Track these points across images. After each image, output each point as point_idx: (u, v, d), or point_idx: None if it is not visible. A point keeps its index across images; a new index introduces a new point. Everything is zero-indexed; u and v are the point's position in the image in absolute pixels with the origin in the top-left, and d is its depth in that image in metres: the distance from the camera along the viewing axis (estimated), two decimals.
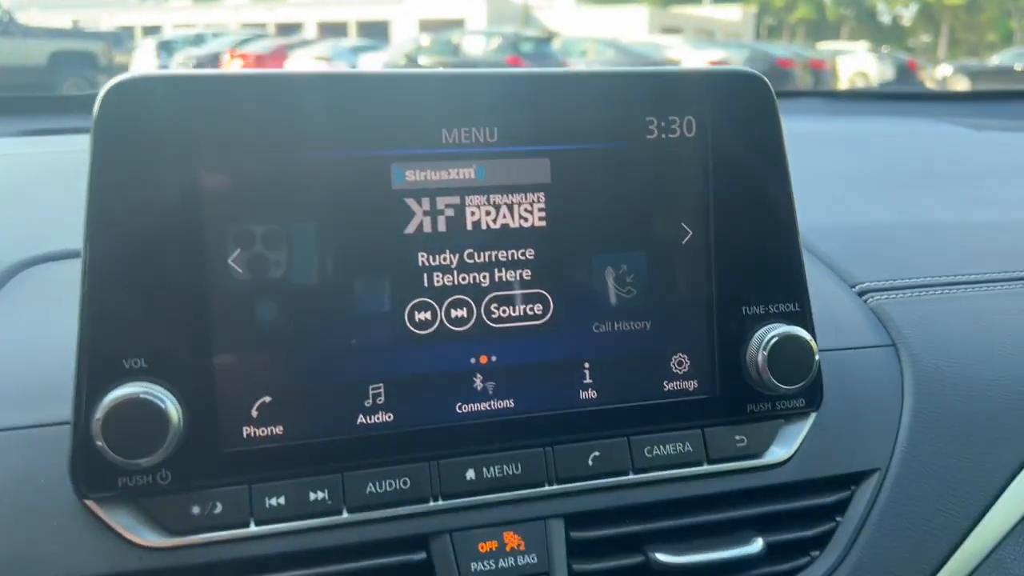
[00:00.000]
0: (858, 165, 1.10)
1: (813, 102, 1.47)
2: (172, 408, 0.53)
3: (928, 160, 1.15)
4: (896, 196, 0.97)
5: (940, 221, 0.92)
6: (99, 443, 0.52)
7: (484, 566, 0.59)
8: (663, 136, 0.63)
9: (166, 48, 17.20)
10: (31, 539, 0.54)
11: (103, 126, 0.53)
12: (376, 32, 30.61)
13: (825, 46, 25.49)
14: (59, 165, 0.99)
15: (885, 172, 1.07)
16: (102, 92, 0.54)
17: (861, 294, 0.78)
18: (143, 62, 15.30)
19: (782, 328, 0.64)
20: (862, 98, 1.42)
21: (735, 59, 15.04)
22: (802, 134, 1.23)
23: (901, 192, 0.99)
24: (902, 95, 1.47)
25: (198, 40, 18.61)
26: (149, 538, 0.55)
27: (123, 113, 0.54)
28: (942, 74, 15.45)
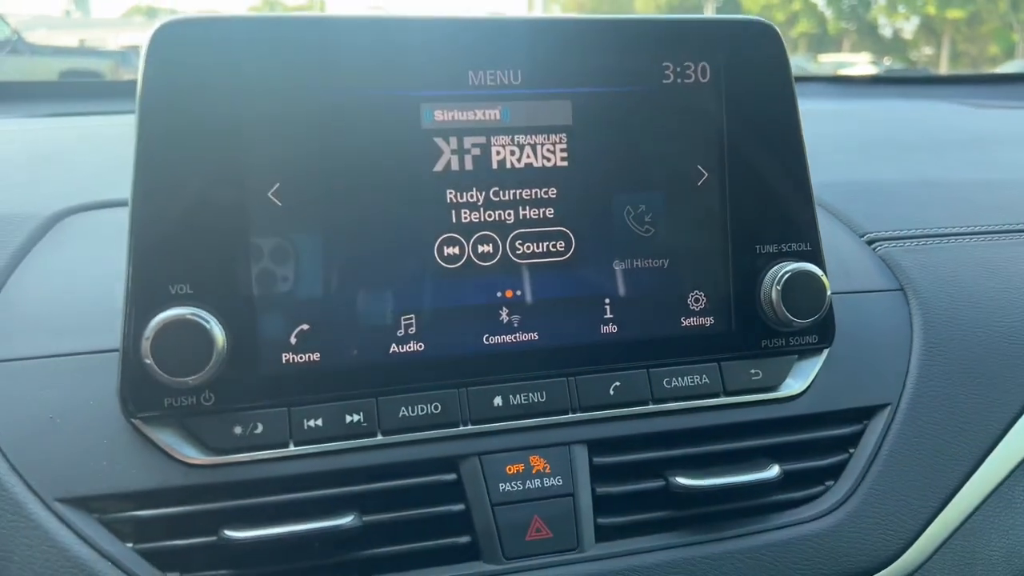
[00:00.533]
0: (867, 133, 1.13)
1: (820, 86, 1.50)
2: (216, 329, 0.56)
3: (933, 130, 1.18)
4: (904, 158, 0.99)
5: (946, 178, 0.94)
6: (148, 361, 0.55)
7: (512, 487, 0.62)
8: (679, 81, 0.66)
9: None
10: (83, 456, 0.57)
11: (152, 65, 0.57)
12: None
13: (827, 59, 25.60)
14: (88, 133, 1.03)
15: (893, 138, 1.10)
16: (151, 33, 0.57)
17: (870, 243, 0.81)
18: None
19: (795, 265, 0.67)
20: (867, 83, 1.46)
21: None
22: (812, 110, 1.26)
23: (909, 154, 1.01)
24: (906, 79, 1.50)
25: None
26: (193, 455, 0.58)
27: (170, 53, 0.57)
28: None
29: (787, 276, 0.66)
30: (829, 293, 0.67)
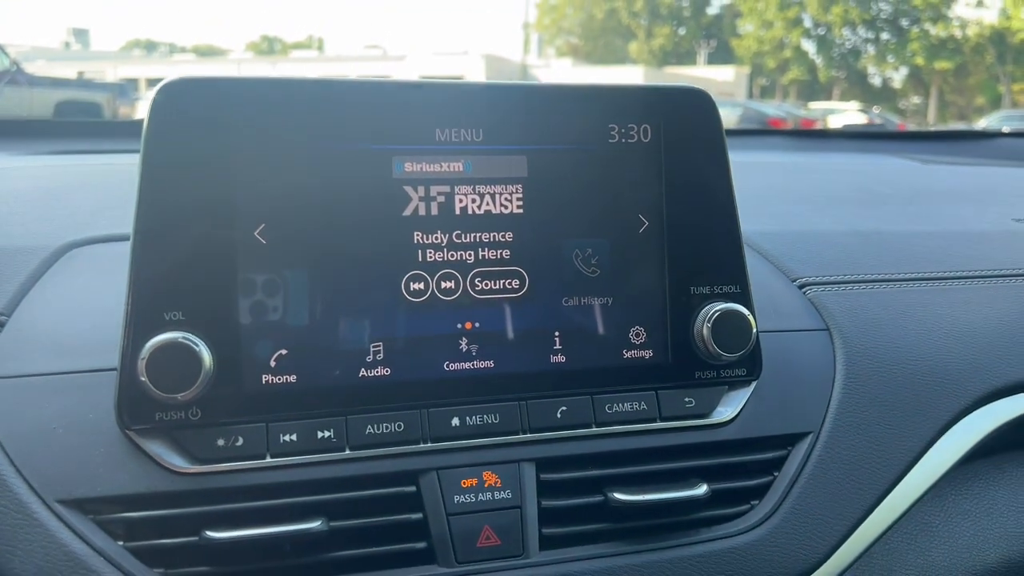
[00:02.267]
0: (811, 186, 1.22)
1: (780, 140, 1.60)
2: (205, 352, 0.64)
3: (875, 184, 1.27)
4: (841, 210, 1.08)
5: (878, 230, 1.03)
6: (143, 379, 0.62)
7: (465, 499, 0.69)
8: (623, 140, 0.75)
9: None
10: (82, 462, 0.64)
11: (155, 118, 0.65)
12: None
13: (817, 106, 26.02)
14: (89, 172, 1.11)
15: (834, 192, 1.19)
16: (155, 90, 0.65)
17: (801, 287, 0.89)
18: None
19: (724, 305, 0.75)
20: (824, 136, 1.55)
21: (729, 117, 15.36)
22: (766, 163, 1.35)
23: (846, 207, 1.10)
24: (860, 134, 1.59)
25: None
26: (180, 464, 0.65)
27: (170, 108, 0.65)
28: None
29: (717, 315, 0.74)
30: (755, 331, 0.75)
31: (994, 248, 1.02)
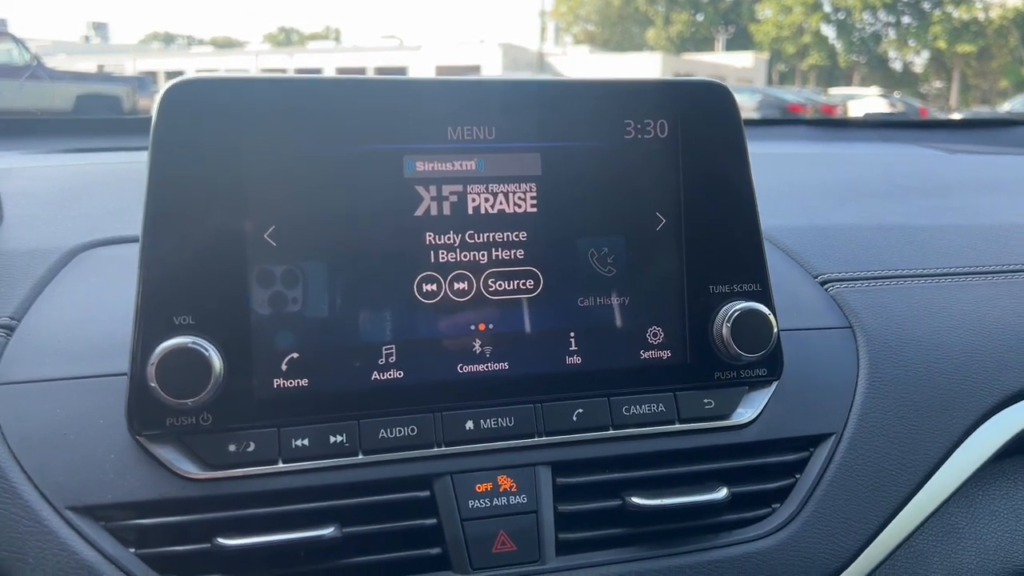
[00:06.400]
0: (834, 178, 1.20)
1: (801, 130, 1.57)
2: (215, 357, 0.63)
3: (901, 176, 1.24)
4: (865, 204, 1.06)
5: (903, 224, 1.00)
6: (152, 384, 0.62)
7: (480, 504, 0.68)
8: (639, 136, 0.73)
9: None
10: (92, 469, 0.63)
11: (162, 119, 0.64)
12: None
13: (837, 91, 25.76)
14: (104, 172, 1.10)
15: (858, 185, 1.17)
16: (162, 90, 0.64)
17: (823, 283, 0.87)
18: None
19: (744, 304, 0.73)
20: (846, 126, 1.52)
21: (747, 104, 15.23)
22: (787, 155, 1.33)
23: (870, 200, 1.08)
24: (884, 122, 1.56)
25: None
26: (191, 470, 0.64)
27: (179, 108, 0.64)
28: None
29: (737, 314, 0.72)
30: (776, 331, 0.73)
31: (1022, 242, 0.99)
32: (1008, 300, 0.89)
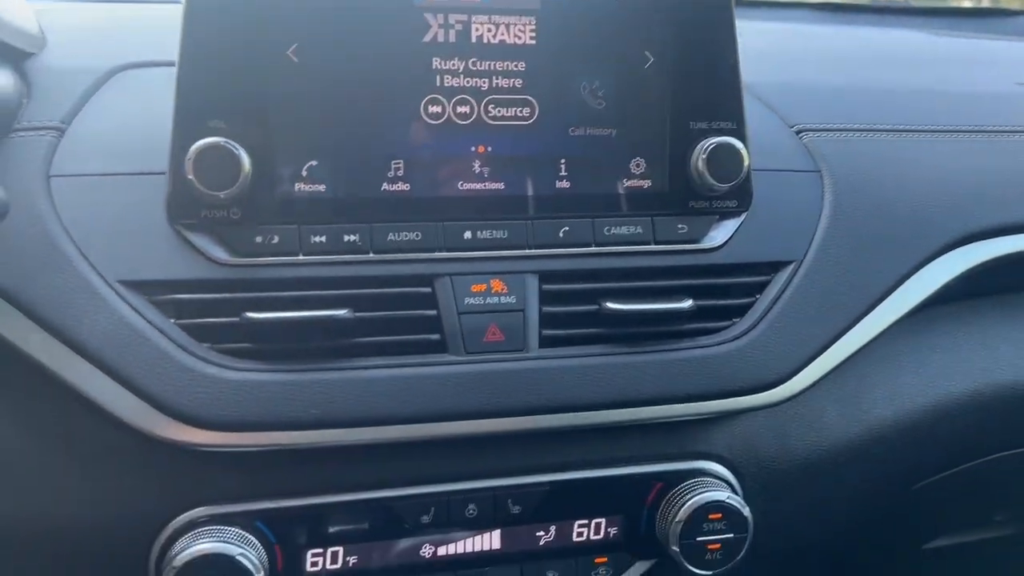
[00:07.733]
0: (824, 47, 1.25)
1: (796, 12, 1.59)
2: (244, 156, 0.71)
3: (895, 49, 1.29)
4: (850, 70, 1.11)
5: (889, 88, 1.06)
6: (189, 177, 0.70)
7: (475, 301, 0.77)
8: None
9: None
10: (137, 251, 0.72)
11: None
12: None
13: None
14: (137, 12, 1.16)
15: (847, 55, 1.22)
16: None
17: (798, 132, 0.94)
18: None
19: (720, 139, 0.81)
20: (849, 10, 1.55)
21: None
22: (787, 30, 1.37)
23: (856, 67, 1.13)
24: (886, 8, 1.59)
25: None
26: (222, 256, 0.73)
27: None
28: None
29: (712, 147, 0.80)
30: (747, 164, 0.81)
31: (998, 107, 1.05)
32: (969, 157, 0.96)
